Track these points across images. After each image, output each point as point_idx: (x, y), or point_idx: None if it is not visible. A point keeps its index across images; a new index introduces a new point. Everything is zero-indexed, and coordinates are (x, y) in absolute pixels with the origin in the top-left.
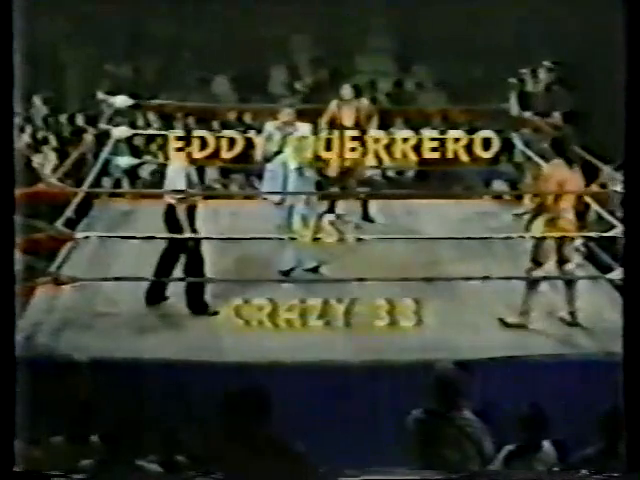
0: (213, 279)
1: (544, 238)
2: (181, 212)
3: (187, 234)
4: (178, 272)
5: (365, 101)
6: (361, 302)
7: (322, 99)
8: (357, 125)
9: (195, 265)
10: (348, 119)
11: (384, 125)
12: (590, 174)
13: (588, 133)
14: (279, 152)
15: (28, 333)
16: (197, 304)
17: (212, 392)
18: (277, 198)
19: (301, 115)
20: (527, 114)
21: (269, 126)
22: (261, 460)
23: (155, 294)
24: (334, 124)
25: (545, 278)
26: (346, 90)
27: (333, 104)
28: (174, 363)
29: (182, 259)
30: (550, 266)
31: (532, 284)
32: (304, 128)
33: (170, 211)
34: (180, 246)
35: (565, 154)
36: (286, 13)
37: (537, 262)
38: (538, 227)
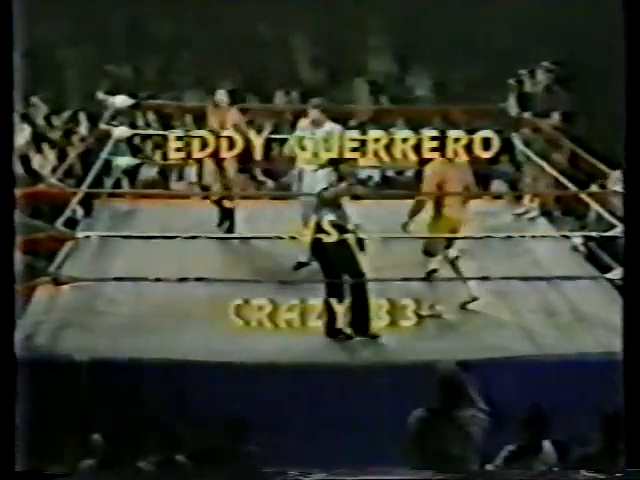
0: (213, 279)
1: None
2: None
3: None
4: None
5: (234, 108)
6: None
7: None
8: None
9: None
10: (220, 124)
11: (384, 125)
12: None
13: (587, 133)
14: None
15: (28, 333)
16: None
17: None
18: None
19: None
20: (526, 115)
21: (301, 124)
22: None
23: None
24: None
25: (542, 279)
26: (221, 96)
27: (210, 109)
28: (174, 363)
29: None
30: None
31: (429, 277)
32: (332, 127)
33: (317, 244)
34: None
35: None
36: (286, 13)
37: (429, 253)
38: (425, 222)
